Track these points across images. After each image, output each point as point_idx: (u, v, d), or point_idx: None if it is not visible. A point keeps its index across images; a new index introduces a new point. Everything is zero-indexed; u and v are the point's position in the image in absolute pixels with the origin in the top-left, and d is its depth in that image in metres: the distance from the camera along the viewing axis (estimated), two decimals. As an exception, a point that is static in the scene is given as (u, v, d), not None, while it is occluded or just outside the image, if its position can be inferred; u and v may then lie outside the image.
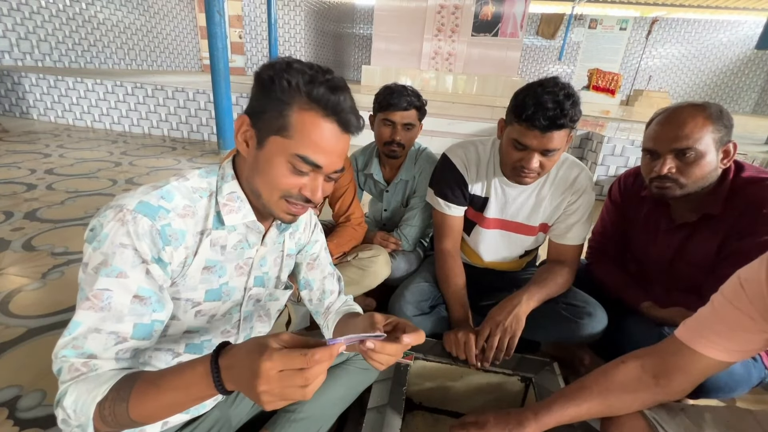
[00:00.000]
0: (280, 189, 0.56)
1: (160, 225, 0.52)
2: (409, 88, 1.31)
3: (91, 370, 0.47)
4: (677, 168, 0.88)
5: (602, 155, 2.78)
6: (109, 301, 0.49)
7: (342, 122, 0.55)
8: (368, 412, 0.80)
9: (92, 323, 0.48)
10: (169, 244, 0.53)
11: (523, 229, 1.15)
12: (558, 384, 0.90)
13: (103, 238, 0.49)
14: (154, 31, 7.44)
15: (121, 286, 0.49)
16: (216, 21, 2.93)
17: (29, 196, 2.19)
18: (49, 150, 3.23)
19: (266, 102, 0.54)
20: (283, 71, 0.53)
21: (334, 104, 0.53)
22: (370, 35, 10.84)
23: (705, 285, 0.97)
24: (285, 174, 0.55)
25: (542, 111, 0.86)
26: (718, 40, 10.95)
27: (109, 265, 0.49)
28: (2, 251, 1.58)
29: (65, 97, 4.30)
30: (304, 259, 0.79)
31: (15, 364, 1.02)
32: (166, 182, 0.57)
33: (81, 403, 0.45)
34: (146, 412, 0.45)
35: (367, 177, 1.54)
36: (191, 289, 0.60)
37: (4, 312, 1.22)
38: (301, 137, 0.53)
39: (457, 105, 5.26)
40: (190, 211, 0.57)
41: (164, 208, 0.53)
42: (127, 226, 0.49)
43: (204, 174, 0.61)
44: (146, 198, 0.52)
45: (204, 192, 0.59)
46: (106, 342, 0.48)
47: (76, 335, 0.47)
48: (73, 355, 0.47)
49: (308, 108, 0.53)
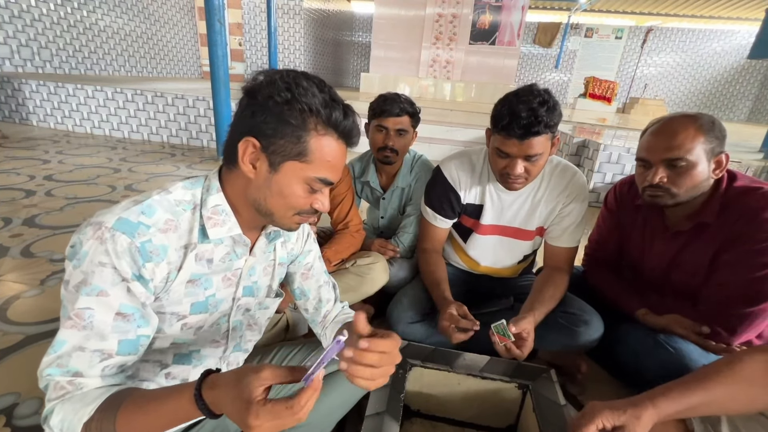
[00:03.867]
0: (297, 207, 0.58)
1: (140, 242, 0.51)
2: (403, 96, 1.34)
3: (77, 389, 0.47)
4: (668, 178, 0.90)
5: (599, 162, 2.81)
6: (92, 320, 0.48)
7: (351, 143, 0.59)
8: (366, 419, 0.80)
9: (76, 342, 0.48)
10: (150, 260, 0.53)
11: (521, 234, 1.16)
12: (555, 391, 0.91)
13: (82, 256, 0.49)
14: (155, 39, 7.50)
15: (102, 305, 0.49)
16: (216, 29, 2.96)
17: (28, 203, 2.19)
18: (48, 156, 3.24)
19: (279, 126, 0.53)
20: (298, 95, 0.53)
21: (348, 129, 0.57)
22: (368, 43, 10.94)
23: (700, 293, 0.98)
24: (303, 195, 0.58)
25: (517, 120, 0.89)
26: (712, 49, 11.10)
27: (89, 284, 0.48)
28: (1, 258, 1.57)
29: (65, 103, 4.32)
30: (298, 269, 0.79)
31: (13, 372, 1.02)
32: (148, 196, 0.56)
33: (68, 423, 0.45)
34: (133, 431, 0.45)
35: (364, 184, 1.55)
36: (176, 303, 0.59)
37: (2, 319, 1.22)
38: (320, 162, 0.56)
39: (455, 112, 5.30)
40: (173, 225, 0.56)
41: (144, 224, 0.52)
42: (105, 245, 0.49)
43: (188, 186, 0.60)
44: (125, 214, 0.51)
45: (188, 205, 0.58)
46: (90, 359, 0.48)
47: (60, 353, 0.47)
48: (58, 374, 0.47)
49: (325, 133, 0.56)
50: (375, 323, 1.35)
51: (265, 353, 0.85)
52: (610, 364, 1.15)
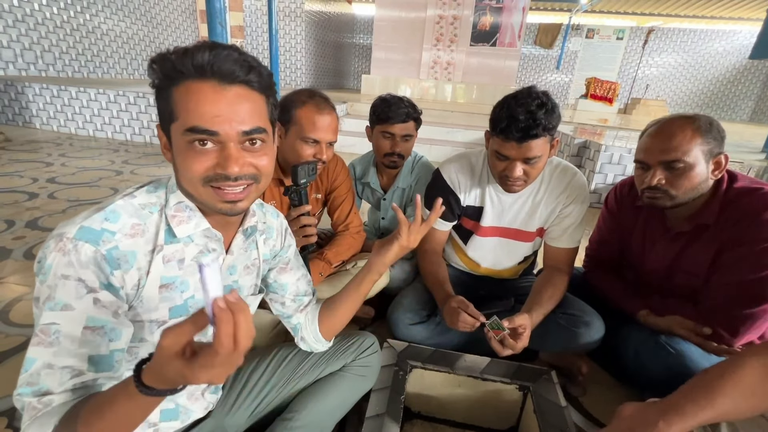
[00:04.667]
0: (195, 175, 0.51)
1: (105, 249, 0.49)
2: (405, 99, 1.34)
3: (46, 407, 0.45)
4: (666, 179, 0.90)
5: (600, 163, 2.80)
6: (58, 336, 0.46)
7: (217, 75, 0.49)
8: (366, 421, 0.80)
9: (45, 359, 0.46)
10: (118, 267, 0.51)
11: (521, 235, 1.16)
12: (556, 393, 0.90)
13: (47, 270, 0.47)
14: (157, 41, 7.54)
15: (67, 319, 0.47)
16: (218, 32, 2.96)
17: (31, 205, 2.21)
18: (51, 159, 3.25)
19: (159, 101, 0.52)
20: (156, 64, 0.50)
21: (199, 63, 0.49)
22: (369, 45, 10.97)
23: (701, 294, 0.98)
24: (190, 156, 0.51)
25: (515, 123, 0.89)
26: (713, 49, 11.08)
27: (53, 299, 0.47)
28: (3, 260, 1.58)
29: (68, 106, 4.34)
30: (277, 264, 0.77)
31: (15, 373, 1.01)
32: (111, 201, 0.53)
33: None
34: None
35: (364, 186, 1.55)
36: (152, 310, 0.56)
37: (4, 321, 1.22)
38: (184, 111, 0.49)
39: (456, 114, 5.30)
40: (140, 230, 0.54)
41: (108, 231, 0.50)
42: (68, 256, 0.47)
43: (152, 189, 0.58)
44: (87, 223, 0.49)
45: (154, 207, 0.56)
46: (60, 377, 0.46)
47: (31, 372, 0.45)
48: (29, 393, 0.45)
49: (181, 80, 0.50)
50: (375, 325, 1.35)
51: (264, 355, 0.86)
52: (611, 365, 1.15)
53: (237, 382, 0.80)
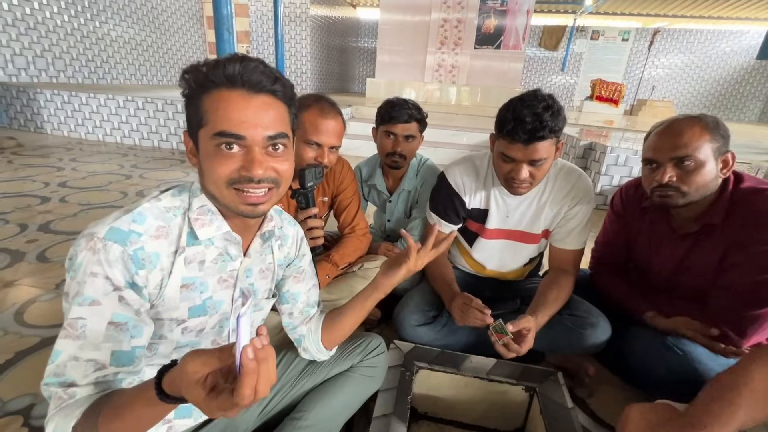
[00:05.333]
0: (221, 177, 0.54)
1: (132, 250, 0.52)
2: (410, 101, 1.36)
3: (71, 398, 0.48)
4: (678, 176, 0.90)
5: (605, 165, 2.79)
6: (84, 329, 0.49)
7: (246, 84, 0.53)
8: (374, 421, 0.81)
9: (71, 351, 0.49)
10: (142, 267, 0.53)
11: (526, 237, 1.17)
12: (563, 394, 0.91)
13: (77, 267, 0.50)
14: (164, 47, 7.64)
15: (94, 314, 0.50)
16: (225, 38, 3.01)
17: (43, 209, 2.25)
18: (62, 163, 3.31)
19: (188, 108, 0.56)
20: (188, 74, 0.54)
21: (229, 73, 0.52)
22: (374, 49, 11.01)
23: (708, 295, 0.98)
24: (217, 160, 0.53)
25: (522, 125, 0.89)
26: (720, 49, 10.98)
27: (82, 294, 0.49)
28: (17, 263, 1.62)
29: (78, 112, 4.42)
30: (291, 272, 0.79)
31: (29, 373, 1.04)
32: (138, 204, 0.57)
33: (59, 431, 0.46)
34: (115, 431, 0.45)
35: (370, 188, 1.57)
36: (172, 309, 0.59)
37: (19, 322, 1.25)
38: (214, 116, 0.53)
39: (461, 116, 5.31)
40: (164, 232, 0.56)
41: (136, 232, 0.53)
42: (98, 255, 0.50)
43: (176, 193, 0.61)
44: (117, 224, 0.52)
45: (178, 210, 0.59)
46: (85, 369, 0.49)
47: (57, 363, 0.48)
48: (55, 383, 0.48)
49: (211, 89, 0.53)
50: (382, 326, 1.36)
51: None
52: (618, 367, 1.14)
53: (247, 382, 0.81)
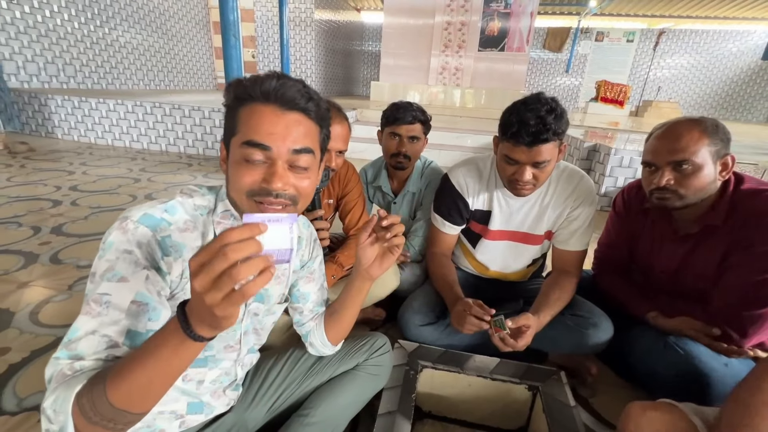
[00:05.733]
0: (242, 186, 0.56)
1: (161, 236, 0.55)
2: (415, 104, 1.39)
3: (74, 372, 0.46)
4: (675, 180, 0.91)
5: (610, 167, 2.79)
6: (107, 305, 0.50)
7: (280, 101, 0.56)
8: (379, 418, 0.83)
9: (89, 327, 0.49)
10: (168, 254, 0.56)
11: (529, 238, 1.18)
12: (565, 392, 0.92)
13: (108, 246, 0.53)
14: (172, 53, 7.75)
15: (120, 290, 0.51)
16: (232, 44, 3.07)
17: (55, 212, 2.30)
18: (72, 168, 3.38)
19: (226, 118, 0.59)
20: (231, 87, 0.58)
21: (266, 89, 0.55)
22: (378, 52, 11.08)
23: (710, 295, 0.98)
24: (241, 169, 0.55)
25: (525, 128, 0.91)
26: (727, 49, 10.88)
27: (112, 270, 0.51)
28: (31, 264, 1.66)
29: (88, 117, 4.50)
30: (303, 274, 0.81)
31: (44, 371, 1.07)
32: (172, 197, 0.60)
33: (60, 400, 0.44)
34: (126, 390, 0.43)
35: (375, 189, 1.59)
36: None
37: (34, 322, 1.29)
38: (245, 127, 0.56)
39: (465, 119, 5.33)
40: (191, 226, 0.59)
41: (166, 221, 0.57)
42: (128, 235, 0.53)
43: (206, 192, 0.64)
44: (150, 210, 0.56)
45: (204, 210, 0.62)
46: (97, 344, 0.49)
47: (72, 338, 0.49)
48: (65, 357, 0.48)
49: (246, 102, 0.57)
50: (386, 326, 1.37)
51: (281, 354, 0.89)
52: (621, 366, 1.15)
53: (256, 380, 0.84)
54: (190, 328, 0.41)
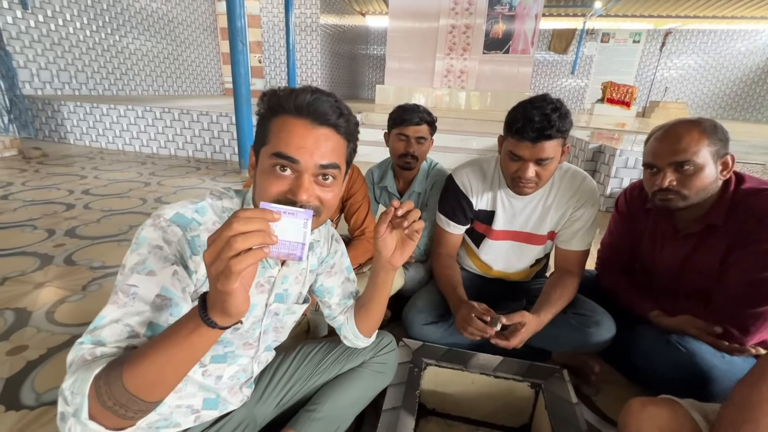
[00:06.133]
0: (269, 196, 0.57)
1: (191, 235, 0.58)
2: (421, 106, 1.42)
3: (93, 357, 0.48)
4: (678, 180, 0.92)
5: (615, 168, 2.79)
6: (134, 296, 0.52)
7: (312, 115, 0.57)
8: (383, 413, 0.85)
9: (114, 315, 0.51)
10: (196, 254, 0.58)
11: (532, 238, 1.20)
12: (567, 390, 0.93)
13: (141, 241, 0.55)
14: (180, 59, 7.89)
15: (148, 283, 0.53)
16: (239, 50, 3.13)
17: (68, 215, 2.36)
18: (84, 172, 3.46)
19: (258, 127, 0.62)
20: (266, 96, 0.60)
21: (300, 103, 0.57)
22: (383, 55, 11.15)
23: (711, 293, 0.99)
24: (269, 178, 0.57)
25: (530, 124, 0.94)
26: (736, 49, 10.77)
27: (143, 264, 0.54)
28: (46, 266, 1.71)
29: (99, 122, 4.61)
30: (323, 269, 0.83)
31: (61, 368, 1.11)
32: (203, 199, 0.63)
33: (79, 382, 0.45)
34: (142, 375, 0.44)
35: (382, 190, 1.62)
36: None
37: (51, 321, 1.33)
38: (276, 138, 0.57)
39: (470, 121, 5.33)
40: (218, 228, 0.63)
41: (197, 221, 0.59)
42: (160, 232, 0.55)
43: (234, 195, 0.67)
44: (182, 210, 0.59)
45: (231, 212, 0.64)
46: (120, 333, 0.50)
47: (98, 326, 0.50)
48: (88, 342, 0.49)
49: (280, 114, 0.59)
50: (391, 326, 1.39)
51: (289, 351, 0.91)
52: (624, 365, 1.16)
53: (265, 376, 0.86)
54: (206, 313, 0.44)
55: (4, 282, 1.56)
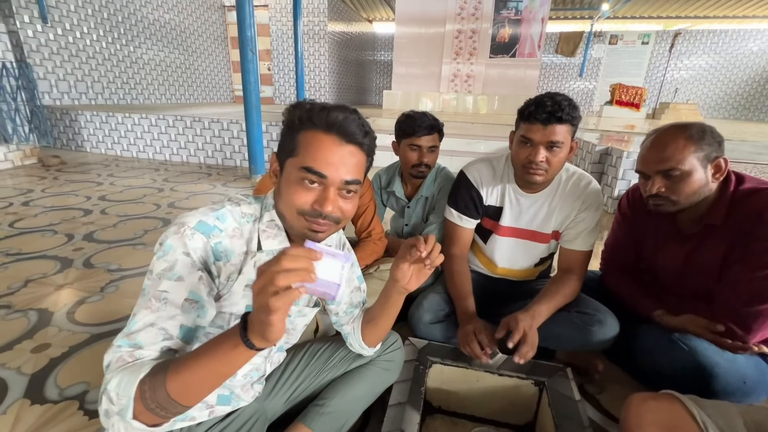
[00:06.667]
0: (295, 205, 0.61)
1: (213, 242, 0.61)
2: (428, 113, 1.44)
3: (134, 360, 0.52)
4: (666, 187, 0.94)
5: (622, 170, 2.78)
6: (165, 302, 0.56)
7: (342, 133, 0.62)
8: (389, 408, 0.88)
9: (148, 320, 0.55)
10: (219, 259, 0.62)
11: (537, 236, 1.22)
12: (570, 387, 0.94)
13: (167, 249, 0.58)
14: (192, 68, 8.09)
15: (177, 289, 0.57)
16: (249, 58, 3.21)
17: (86, 220, 2.44)
18: (101, 179, 3.57)
19: (285, 136, 0.65)
20: (296, 109, 0.64)
21: (332, 120, 0.61)
22: (390, 61, 11.25)
23: (713, 292, 1.00)
24: (297, 189, 0.61)
25: (542, 107, 1.00)
26: (747, 49, 10.60)
27: (172, 270, 0.57)
28: (66, 269, 1.78)
29: (114, 131, 4.75)
30: None
31: (82, 364, 1.17)
32: (222, 205, 0.66)
33: (124, 384, 0.48)
34: (183, 384, 0.48)
35: (389, 194, 1.65)
36: (234, 304, 0.67)
37: (71, 320, 1.39)
38: (305, 152, 0.61)
39: (477, 125, 5.36)
40: (238, 233, 0.65)
41: (218, 228, 0.63)
42: (186, 239, 0.59)
43: (252, 201, 0.70)
44: (205, 218, 0.62)
45: (251, 217, 0.68)
46: (155, 336, 0.54)
47: (133, 330, 0.54)
48: (126, 345, 0.53)
49: (310, 128, 0.62)
50: (397, 325, 1.42)
51: (298, 349, 0.95)
52: (628, 364, 1.17)
53: (275, 372, 0.90)
54: (246, 334, 0.47)
55: (27, 284, 1.63)
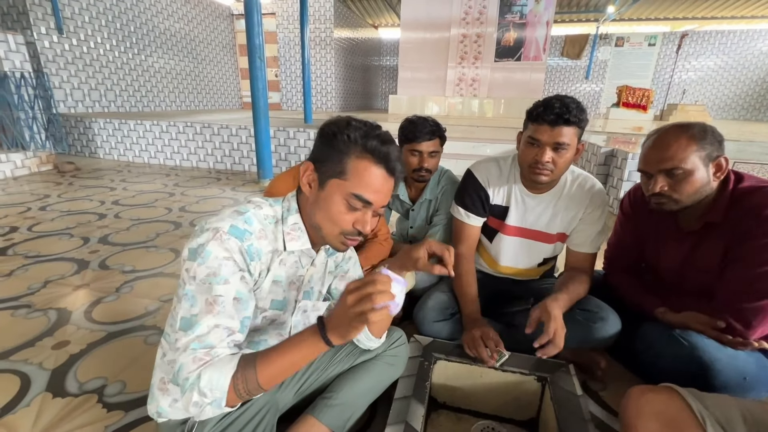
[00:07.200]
0: (340, 225, 0.69)
1: (246, 245, 0.66)
2: (430, 119, 1.47)
3: (214, 357, 0.58)
4: (669, 186, 0.96)
5: (628, 171, 2.79)
6: (224, 304, 0.61)
7: (389, 168, 0.69)
8: (395, 402, 0.90)
9: (212, 322, 0.60)
10: (252, 260, 0.68)
11: (542, 237, 1.24)
12: (572, 383, 0.96)
13: (207, 255, 0.62)
14: (201, 75, 8.24)
15: (228, 290, 0.62)
16: (257, 65, 3.28)
17: (101, 224, 2.52)
18: (113, 184, 3.66)
19: (328, 152, 0.69)
20: (344, 128, 0.68)
21: (384, 154, 0.67)
22: (396, 66, 11.33)
23: (714, 289, 1.01)
24: (342, 210, 0.68)
25: (550, 108, 1.01)
26: (756, 49, 10.47)
27: (218, 275, 0.62)
28: (83, 270, 1.84)
29: (127, 137, 4.86)
30: (337, 273, 0.91)
31: (100, 360, 1.21)
32: (246, 209, 0.70)
33: (215, 381, 0.56)
34: (271, 374, 0.59)
35: (394, 197, 1.69)
36: (261, 299, 0.74)
37: (89, 319, 1.44)
38: (356, 179, 0.67)
39: (482, 128, 5.38)
40: (264, 234, 0.70)
41: (248, 231, 0.67)
42: (225, 244, 0.63)
43: (273, 203, 0.75)
44: (235, 222, 0.66)
45: (272, 219, 0.73)
46: (221, 335, 0.60)
47: (199, 333, 0.59)
48: (199, 347, 0.59)
49: (363, 156, 0.67)
50: (403, 324, 1.45)
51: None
52: (630, 361, 1.18)
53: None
54: (326, 335, 0.58)
55: (46, 284, 1.69)
